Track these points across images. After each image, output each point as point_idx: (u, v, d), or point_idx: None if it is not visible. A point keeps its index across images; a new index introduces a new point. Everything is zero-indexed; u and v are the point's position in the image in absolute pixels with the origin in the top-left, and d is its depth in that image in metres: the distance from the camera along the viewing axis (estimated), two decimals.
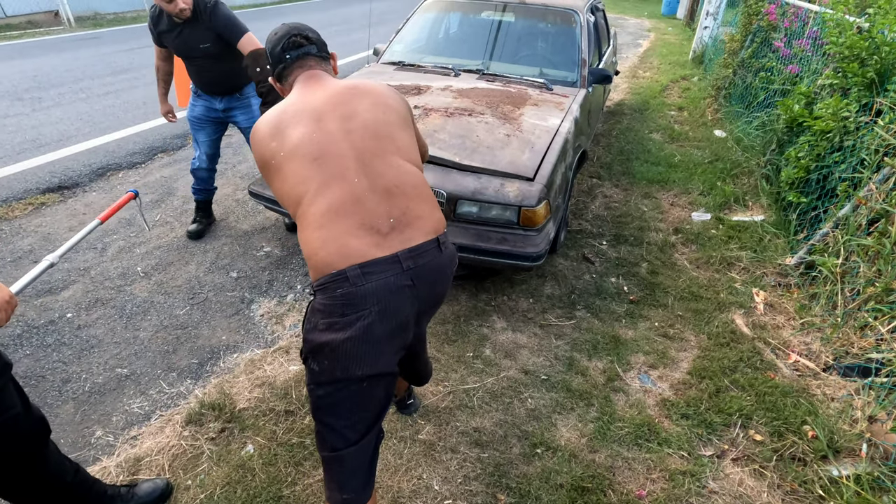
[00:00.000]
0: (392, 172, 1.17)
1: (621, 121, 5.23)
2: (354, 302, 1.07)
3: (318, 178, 1.12)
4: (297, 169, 1.14)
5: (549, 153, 2.40)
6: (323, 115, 1.18)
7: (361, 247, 1.08)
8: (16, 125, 4.47)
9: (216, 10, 2.43)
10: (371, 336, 1.09)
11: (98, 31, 9.67)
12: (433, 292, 1.21)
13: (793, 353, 2.15)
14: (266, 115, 1.24)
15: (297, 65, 1.29)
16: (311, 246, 1.11)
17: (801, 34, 3.88)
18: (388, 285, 1.09)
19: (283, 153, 1.16)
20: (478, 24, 3.61)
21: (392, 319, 1.12)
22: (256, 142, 1.22)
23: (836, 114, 2.63)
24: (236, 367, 2.12)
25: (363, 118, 1.20)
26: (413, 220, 1.16)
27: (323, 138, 1.15)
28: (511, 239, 2.25)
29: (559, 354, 2.21)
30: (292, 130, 1.17)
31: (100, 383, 2.02)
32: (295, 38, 1.28)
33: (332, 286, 1.08)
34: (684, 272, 2.75)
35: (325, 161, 1.13)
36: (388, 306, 1.10)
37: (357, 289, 1.06)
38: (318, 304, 1.11)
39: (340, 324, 1.08)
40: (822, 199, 2.73)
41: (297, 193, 1.14)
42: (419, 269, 1.13)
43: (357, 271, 1.06)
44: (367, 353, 1.10)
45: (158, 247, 2.92)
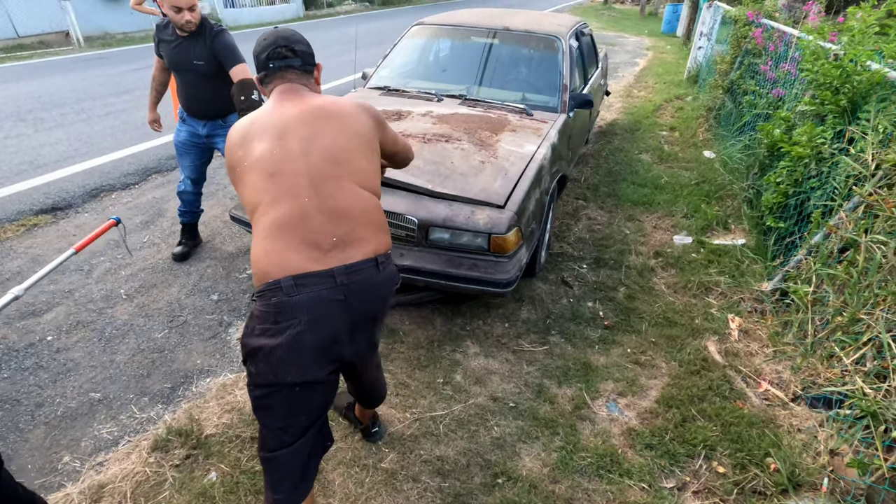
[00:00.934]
0: (342, 196, 1.23)
1: (612, 141, 5.27)
2: (286, 311, 1.15)
3: (272, 193, 1.20)
4: (255, 180, 1.22)
5: (522, 180, 2.43)
6: (287, 133, 1.24)
7: (299, 260, 1.16)
8: (16, 146, 4.58)
9: (220, 35, 2.52)
10: (300, 344, 1.16)
11: (106, 52, 9.92)
12: (366, 308, 1.27)
13: (763, 382, 2.15)
14: (239, 123, 1.32)
15: (278, 75, 1.35)
16: (255, 254, 1.20)
17: (786, 58, 3.91)
18: (319, 298, 1.16)
19: (246, 163, 1.24)
20: (463, 51, 3.69)
21: (322, 331, 1.18)
22: (227, 148, 1.32)
23: (811, 140, 2.65)
24: (208, 391, 2.15)
25: (324, 142, 1.25)
26: (355, 241, 1.23)
27: (282, 155, 1.22)
28: (482, 265, 2.27)
29: (529, 381, 2.22)
30: (257, 143, 1.24)
31: (72, 408, 2.06)
32: (280, 48, 1.33)
33: (267, 294, 1.16)
34: (661, 297, 2.75)
35: (279, 177, 1.20)
36: (318, 318, 1.17)
37: (289, 299, 1.14)
38: (256, 310, 1.19)
39: (273, 330, 1.15)
40: (799, 225, 2.74)
41: (253, 202, 1.23)
42: (353, 286, 1.20)
43: (291, 282, 1.14)
44: (297, 360, 1.17)
45: (143, 269, 2.97)
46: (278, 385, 1.19)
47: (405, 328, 2.52)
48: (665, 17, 14.49)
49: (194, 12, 2.38)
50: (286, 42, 1.34)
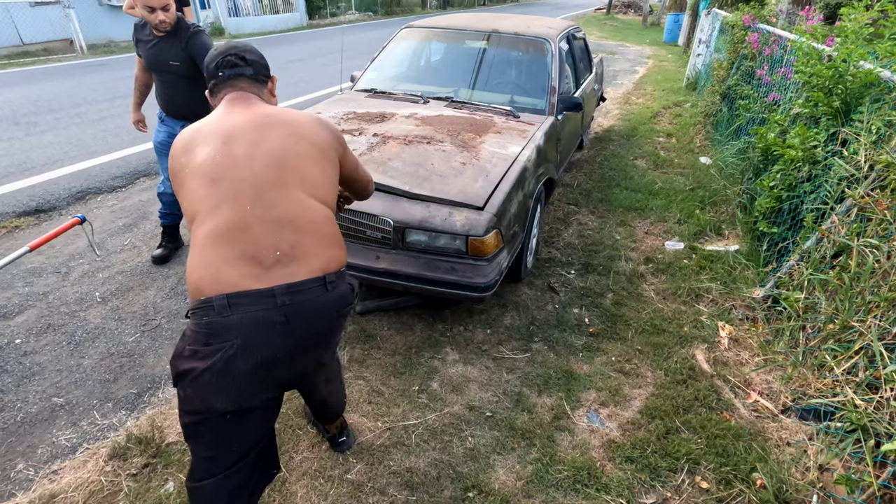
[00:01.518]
0: (288, 205, 1.15)
1: (607, 147, 5.20)
2: (217, 332, 1.05)
3: (212, 200, 1.12)
4: (195, 187, 1.15)
5: (503, 182, 2.36)
6: (232, 138, 1.18)
7: (235, 276, 1.07)
8: (6, 149, 4.57)
9: (196, 36, 2.49)
10: (231, 369, 1.07)
11: (107, 58, 10.00)
12: (311, 332, 1.17)
13: (753, 393, 2.05)
14: (185, 130, 1.26)
15: (227, 84, 1.30)
16: (189, 267, 1.12)
17: (781, 62, 3.85)
18: (255, 319, 1.06)
19: (188, 169, 1.17)
20: (451, 53, 3.65)
21: (256, 355, 1.08)
22: (171, 154, 1.25)
23: (804, 143, 2.57)
24: (174, 397, 2.07)
25: (269, 147, 1.18)
26: (300, 256, 1.13)
27: (224, 161, 1.15)
28: (460, 269, 2.20)
29: (508, 389, 2.13)
30: (201, 149, 1.18)
31: (33, 413, 1.99)
32: (230, 57, 1.29)
33: (199, 313, 1.07)
34: (649, 304, 2.67)
35: (221, 183, 1.13)
36: (252, 341, 1.07)
37: (222, 319, 1.05)
38: (188, 329, 1.11)
39: (202, 353, 1.06)
40: (792, 230, 2.65)
41: (192, 211, 1.15)
42: (296, 306, 1.10)
43: (223, 301, 1.05)
44: (227, 386, 1.08)
45: (122, 271, 2.92)
46: (207, 412, 1.10)
47: (383, 333, 2.44)
48: (667, 27, 14.51)
49: (168, 12, 2.35)
50: (237, 51, 1.30)
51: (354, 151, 2.47)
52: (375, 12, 22.11)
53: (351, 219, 2.26)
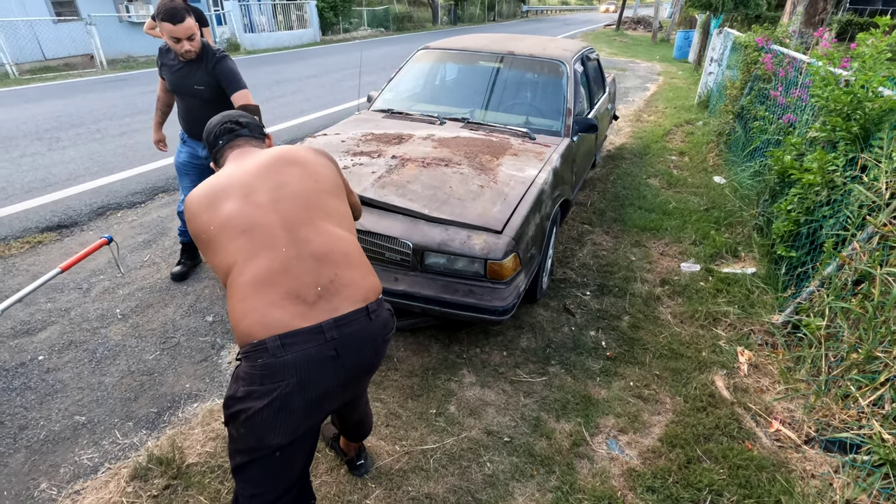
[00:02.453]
0: (321, 239, 1.19)
1: (620, 165, 5.21)
2: (273, 372, 1.07)
3: (247, 249, 1.14)
4: (226, 242, 1.16)
5: (521, 204, 2.38)
6: (253, 188, 1.22)
7: (284, 317, 1.09)
8: (30, 164, 4.68)
9: (222, 60, 2.53)
10: (288, 406, 1.09)
11: (127, 74, 10.23)
12: (360, 361, 1.20)
13: (774, 422, 2.03)
14: (197, 189, 1.28)
15: (227, 147, 1.38)
16: (235, 317, 1.12)
17: (796, 84, 3.85)
18: (309, 357, 1.09)
19: (212, 227, 1.19)
20: (467, 75, 3.70)
21: (312, 390, 1.12)
22: (188, 217, 1.25)
23: (822, 167, 2.57)
24: (194, 417, 2.09)
25: (293, 188, 1.23)
26: (341, 289, 1.16)
27: (252, 211, 1.18)
28: (478, 292, 2.20)
29: (526, 414, 2.12)
30: (223, 204, 1.20)
31: (56, 431, 2.01)
32: (227, 125, 1.38)
33: (253, 355, 1.09)
34: (667, 327, 2.65)
35: (253, 232, 1.16)
36: (308, 378, 1.10)
37: (276, 360, 1.07)
38: (241, 371, 1.12)
39: (258, 392, 1.08)
40: (811, 255, 2.64)
41: (227, 265, 1.16)
42: (344, 339, 1.13)
43: (277, 342, 1.07)
44: (283, 422, 1.11)
45: (141, 288, 2.96)
46: (261, 450, 1.14)
47: (400, 355, 2.45)
48: (676, 43, 14.59)
49: (193, 41, 2.40)
50: (230, 118, 1.39)
51: (374, 174, 2.51)
52: (387, 28, 22.47)
53: (370, 241, 2.29)
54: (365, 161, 2.66)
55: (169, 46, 2.53)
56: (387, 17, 22.64)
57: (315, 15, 17.79)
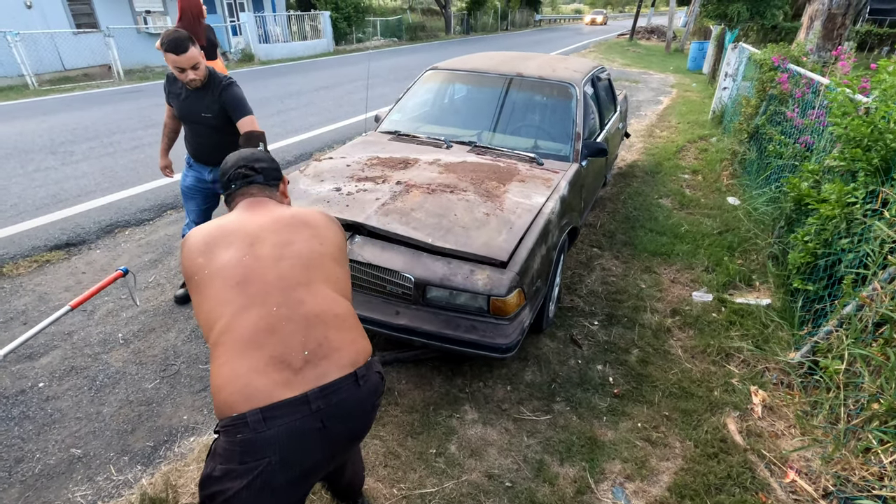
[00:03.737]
0: (314, 301, 1.16)
1: (631, 184, 5.13)
2: (253, 449, 1.02)
3: (237, 303, 1.11)
4: (217, 290, 1.13)
5: (527, 235, 2.32)
6: (259, 240, 1.20)
7: (267, 386, 1.04)
8: (43, 179, 4.73)
9: (229, 88, 2.53)
10: (269, 485, 1.04)
11: (142, 85, 10.39)
12: (348, 430, 1.16)
13: (790, 471, 1.93)
14: (200, 228, 1.25)
15: (239, 193, 1.35)
16: (216, 383, 1.07)
17: (814, 105, 3.75)
18: (292, 431, 1.03)
19: (207, 271, 1.15)
20: (475, 96, 3.66)
21: (296, 468, 1.07)
22: (185, 254, 1.21)
23: (841, 199, 2.48)
24: (190, 452, 2.06)
25: (297, 248, 1.21)
26: (330, 353, 1.12)
27: (252, 263, 1.16)
28: (481, 328, 2.15)
29: (529, 456, 2.05)
30: (223, 251, 1.17)
31: (51, 465, 1.99)
32: (241, 169, 1.35)
33: (232, 430, 1.03)
34: (677, 363, 2.56)
35: (247, 286, 1.13)
36: (291, 455, 1.05)
37: (257, 435, 1.01)
38: (219, 446, 1.06)
39: (237, 472, 1.02)
40: (829, 289, 2.54)
41: (214, 317, 1.12)
42: (331, 409, 1.08)
43: (258, 416, 1.01)
44: (265, 501, 1.06)
45: (144, 311, 2.95)
46: None
47: (401, 388, 2.40)
48: (691, 55, 14.47)
49: (197, 70, 2.39)
50: (246, 162, 1.36)
51: (377, 201, 2.48)
52: (400, 38, 22.62)
53: (371, 273, 2.25)
54: (369, 187, 2.63)
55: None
56: (400, 27, 22.81)
57: (329, 25, 17.98)
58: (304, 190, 2.64)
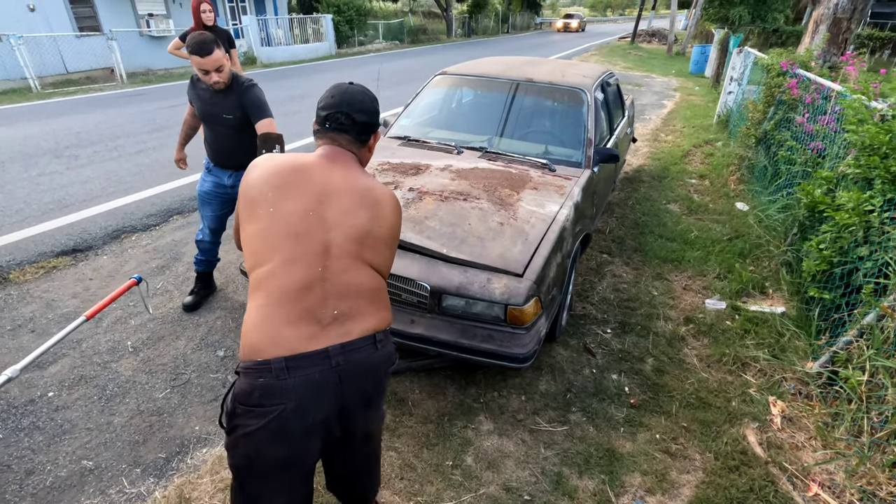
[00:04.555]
0: (355, 274, 1.21)
1: (638, 189, 5.11)
2: (273, 394, 1.10)
3: (289, 254, 1.14)
4: (274, 233, 1.16)
5: (542, 245, 2.30)
6: (328, 199, 1.21)
7: (294, 338, 1.10)
8: (48, 184, 4.71)
9: (251, 89, 2.53)
10: (284, 430, 1.12)
11: (145, 88, 10.38)
12: (360, 390, 1.22)
13: (813, 485, 1.90)
14: (280, 162, 1.24)
15: (329, 136, 1.33)
16: (248, 323, 1.13)
17: (824, 111, 3.74)
18: (310, 382, 1.11)
19: (272, 209, 1.17)
20: (485, 101, 3.64)
21: (309, 416, 1.14)
22: (257, 178, 1.22)
23: (858, 207, 2.45)
24: (203, 464, 2.03)
25: (359, 222, 1.23)
26: (356, 315, 1.19)
27: (314, 220, 1.18)
28: (497, 337, 2.12)
29: (547, 468, 2.02)
30: (294, 197, 1.19)
31: (62, 477, 1.96)
32: (340, 115, 1.30)
33: (254, 373, 1.10)
34: (693, 372, 2.54)
35: (302, 240, 1.16)
36: (306, 403, 1.12)
37: (278, 382, 1.09)
38: (239, 387, 1.14)
39: (256, 412, 1.11)
40: (846, 297, 2.51)
41: (262, 257, 1.16)
42: (349, 366, 1.16)
43: (281, 364, 1.09)
44: (279, 443, 1.14)
45: (153, 319, 2.92)
46: (257, 462, 1.16)
47: (415, 398, 2.37)
48: (693, 58, 14.48)
49: (221, 73, 2.39)
50: (349, 109, 1.30)
51: None
52: (402, 41, 22.65)
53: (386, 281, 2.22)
54: None
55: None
56: (402, 29, 22.84)
57: (331, 28, 17.99)
58: None
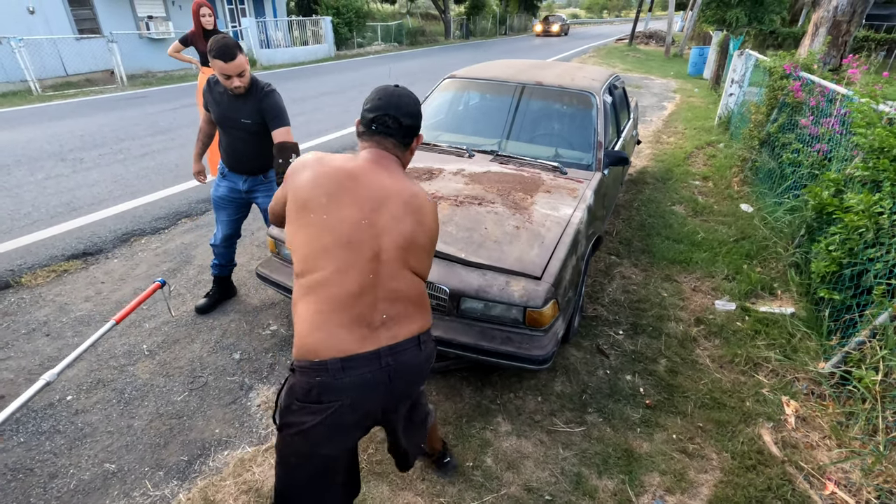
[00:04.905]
0: (401, 280, 1.28)
1: (643, 190, 5.15)
2: (330, 391, 1.19)
3: (340, 262, 1.20)
4: (328, 242, 1.21)
5: (558, 248, 2.32)
6: (379, 207, 1.27)
7: (348, 340, 1.19)
8: (55, 187, 4.71)
9: (270, 95, 2.52)
10: (340, 423, 1.22)
11: (146, 90, 10.37)
12: (406, 387, 1.33)
13: (829, 483, 1.93)
14: (331, 162, 1.29)
15: (375, 139, 1.37)
16: (303, 326, 1.20)
17: (829, 114, 3.78)
18: (364, 381, 1.21)
19: (326, 216, 1.22)
20: (495, 105, 3.67)
21: (360, 411, 1.25)
22: (306, 179, 1.25)
23: (868, 209, 2.49)
24: (225, 467, 2.04)
25: (406, 229, 1.29)
26: (402, 319, 1.28)
27: (366, 229, 1.24)
28: (516, 339, 2.14)
29: (566, 469, 2.05)
30: (348, 203, 1.24)
31: (86, 480, 1.97)
32: (388, 118, 1.34)
33: (311, 372, 1.19)
34: (706, 373, 2.57)
35: (354, 248, 1.22)
36: (360, 400, 1.23)
37: (335, 381, 1.18)
38: (296, 384, 1.22)
39: (313, 409, 1.20)
40: (857, 298, 2.55)
41: (314, 263, 1.21)
42: (397, 366, 1.25)
43: (338, 365, 1.17)
44: (333, 436, 1.25)
45: (167, 322, 2.93)
46: (312, 457, 1.26)
47: (432, 399, 2.39)
48: (691, 60, 14.55)
49: (243, 77, 2.39)
50: (396, 112, 1.34)
51: None
52: (401, 43, 22.68)
53: None
54: None
55: (217, 79, 2.51)
56: (400, 31, 22.87)
57: (330, 31, 18.00)
58: None
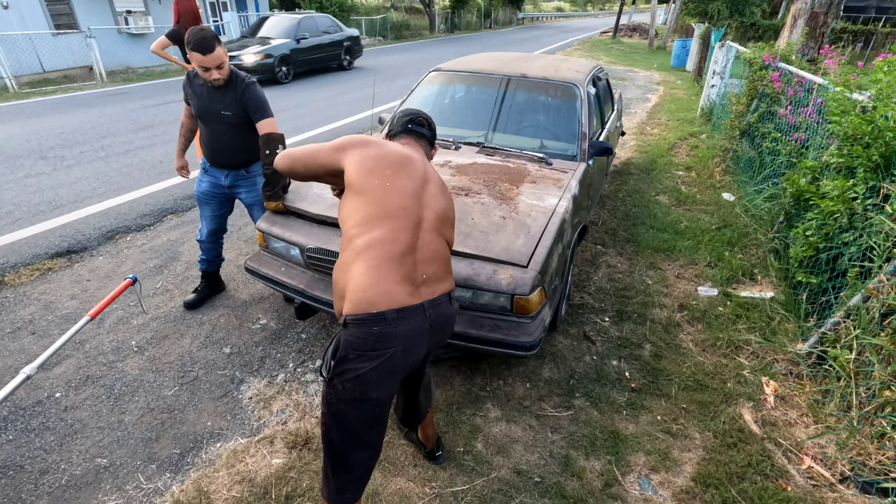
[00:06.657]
0: (437, 245, 1.51)
1: (628, 181, 5.22)
2: (386, 339, 1.33)
3: (398, 223, 1.42)
4: (388, 204, 1.43)
5: (544, 236, 2.36)
6: (427, 183, 1.56)
7: (401, 294, 1.36)
8: (36, 185, 4.63)
9: (251, 87, 2.51)
10: (392, 367, 1.36)
11: (127, 87, 10.18)
12: (442, 335, 1.51)
13: (806, 458, 2.01)
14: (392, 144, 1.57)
15: (413, 136, 1.72)
16: (361, 281, 1.35)
17: (806, 103, 3.87)
18: (414, 329, 1.37)
19: (388, 183, 1.45)
20: (480, 97, 3.69)
21: (411, 356, 1.41)
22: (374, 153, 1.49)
23: (842, 195, 2.57)
24: (218, 458, 2.06)
25: (442, 205, 1.57)
26: (437, 279, 1.48)
27: (415, 199, 1.49)
28: (504, 326, 2.18)
29: (554, 451, 2.10)
30: (405, 176, 1.50)
31: (77, 475, 1.97)
32: (423, 119, 1.75)
33: (369, 323, 1.32)
34: (689, 356, 2.64)
35: (407, 213, 1.44)
36: (410, 346, 1.38)
37: (391, 329, 1.33)
38: (351, 335, 1.34)
39: (369, 356, 1.33)
40: (833, 281, 2.63)
41: (374, 224, 1.41)
42: (437, 317, 1.43)
43: (394, 315, 1.33)
44: (385, 380, 1.38)
45: (155, 318, 2.92)
46: (365, 401, 1.38)
47: None
48: (674, 52, 14.70)
49: (222, 70, 2.38)
50: (428, 119, 1.76)
51: None
52: (385, 37, 22.54)
53: None
54: None
55: (197, 72, 2.49)
56: (385, 25, 22.72)
57: None
58: (318, 194, 2.64)
